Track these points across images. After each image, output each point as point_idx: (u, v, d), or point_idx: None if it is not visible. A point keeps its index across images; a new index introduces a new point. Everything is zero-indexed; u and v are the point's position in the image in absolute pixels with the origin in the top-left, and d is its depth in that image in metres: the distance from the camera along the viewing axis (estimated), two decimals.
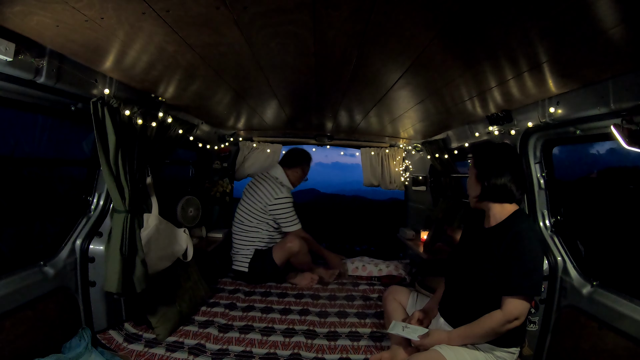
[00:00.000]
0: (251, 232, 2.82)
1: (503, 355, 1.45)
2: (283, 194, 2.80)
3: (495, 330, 1.36)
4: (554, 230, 1.89)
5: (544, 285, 1.78)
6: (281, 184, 2.87)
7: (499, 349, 1.44)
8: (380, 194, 4.62)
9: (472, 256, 1.52)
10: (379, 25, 1.01)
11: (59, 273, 1.68)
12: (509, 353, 1.46)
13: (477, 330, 1.40)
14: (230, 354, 1.79)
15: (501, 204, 1.48)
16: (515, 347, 1.48)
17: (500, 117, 1.91)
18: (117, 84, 1.62)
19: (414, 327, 1.58)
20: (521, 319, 1.34)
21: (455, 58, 1.25)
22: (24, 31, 1.11)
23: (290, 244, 2.72)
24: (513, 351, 1.48)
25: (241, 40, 1.14)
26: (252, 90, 1.87)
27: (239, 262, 2.81)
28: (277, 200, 2.77)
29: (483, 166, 1.52)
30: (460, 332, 1.45)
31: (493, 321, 1.36)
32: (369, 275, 2.94)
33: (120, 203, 1.67)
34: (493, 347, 1.43)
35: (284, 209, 2.79)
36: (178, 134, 2.19)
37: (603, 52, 1.05)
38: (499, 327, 1.35)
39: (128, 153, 1.68)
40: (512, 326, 1.34)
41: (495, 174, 1.46)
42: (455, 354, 1.40)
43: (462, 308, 1.51)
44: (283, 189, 2.84)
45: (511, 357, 1.48)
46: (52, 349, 1.54)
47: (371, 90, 1.72)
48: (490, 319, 1.37)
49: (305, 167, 3.10)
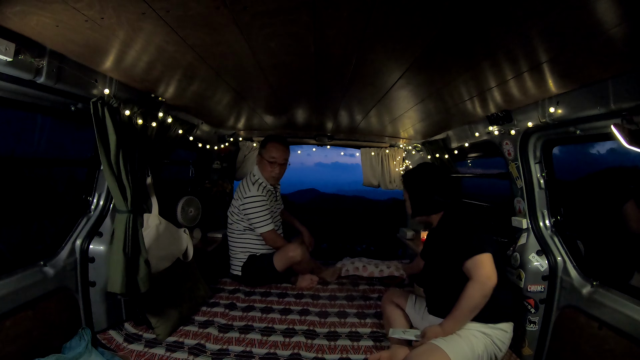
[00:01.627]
0: (242, 236, 2.75)
1: (494, 333, 1.50)
2: (251, 192, 2.63)
3: (475, 297, 1.44)
4: (554, 230, 1.89)
5: (544, 286, 1.79)
6: (253, 182, 2.70)
7: (486, 326, 1.50)
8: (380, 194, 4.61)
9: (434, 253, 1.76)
10: (379, 25, 1.01)
11: (59, 273, 1.68)
12: (501, 331, 1.51)
13: (463, 307, 1.47)
14: (230, 354, 1.79)
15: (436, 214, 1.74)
16: (505, 322, 1.54)
17: (500, 117, 1.91)
18: (117, 84, 1.62)
19: (413, 330, 1.70)
20: (492, 277, 1.43)
21: (455, 58, 1.24)
22: (24, 31, 1.11)
23: (292, 253, 2.61)
24: (504, 328, 1.53)
25: (241, 40, 1.14)
26: (252, 90, 1.87)
27: (234, 266, 2.80)
28: (246, 200, 2.63)
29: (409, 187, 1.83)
30: (450, 319, 1.52)
31: (469, 291, 1.45)
32: (370, 276, 2.92)
33: (122, 203, 1.67)
34: (481, 326, 1.50)
35: (252, 208, 2.62)
36: (178, 134, 2.18)
37: (603, 52, 1.05)
38: (476, 292, 1.43)
39: (129, 153, 1.67)
40: (488, 287, 1.42)
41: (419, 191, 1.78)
42: (450, 343, 1.45)
43: (443, 300, 1.62)
44: (253, 187, 2.66)
45: (504, 335, 1.52)
46: (52, 349, 1.54)
47: (371, 90, 1.72)
48: (465, 291, 1.46)
49: (263, 152, 2.72)
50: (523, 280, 1.81)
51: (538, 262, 1.81)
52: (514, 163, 1.99)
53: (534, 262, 1.81)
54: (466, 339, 1.47)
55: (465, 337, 1.48)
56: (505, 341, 1.54)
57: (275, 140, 2.74)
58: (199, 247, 2.79)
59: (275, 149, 2.71)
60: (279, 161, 2.72)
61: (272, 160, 2.70)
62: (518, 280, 1.84)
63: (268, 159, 2.70)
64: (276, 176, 2.77)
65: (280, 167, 2.75)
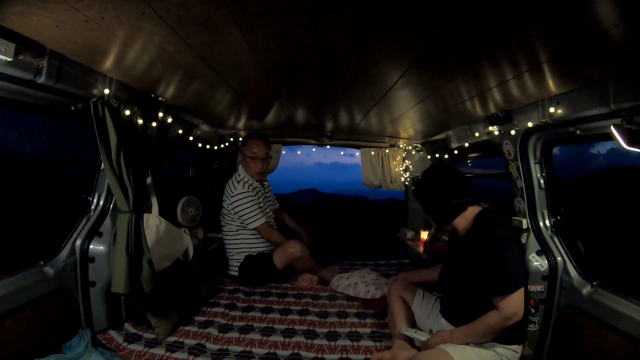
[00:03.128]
0: (236, 237, 2.76)
1: (505, 352, 1.47)
2: (237, 189, 2.67)
3: (495, 328, 1.38)
4: (554, 230, 1.89)
5: (544, 286, 1.79)
6: (238, 181, 2.72)
7: (499, 345, 1.46)
8: (380, 194, 4.61)
9: (457, 264, 1.61)
10: (379, 25, 1.01)
11: (59, 273, 1.68)
12: (511, 351, 1.48)
13: (477, 329, 1.43)
14: (230, 354, 1.79)
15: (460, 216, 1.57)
16: (517, 344, 1.50)
17: (500, 117, 1.91)
18: (117, 84, 1.62)
19: (425, 333, 1.69)
20: (519, 314, 1.36)
21: (455, 58, 1.24)
22: (24, 31, 1.11)
23: (291, 249, 2.64)
24: (515, 349, 1.49)
25: (241, 40, 1.14)
26: (252, 91, 1.87)
27: (231, 267, 2.80)
28: (233, 198, 2.66)
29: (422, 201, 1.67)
30: (461, 331, 1.48)
31: (491, 320, 1.38)
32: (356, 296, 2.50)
33: (124, 203, 1.66)
34: (494, 344, 1.45)
35: (241, 204, 2.65)
36: (178, 134, 2.18)
37: (603, 52, 1.05)
38: (497, 325, 1.37)
39: (130, 153, 1.67)
40: (511, 322, 1.36)
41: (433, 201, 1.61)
42: (460, 351, 1.43)
43: (459, 309, 1.56)
44: (239, 184, 2.69)
45: (513, 355, 1.49)
46: (52, 349, 1.54)
47: (371, 90, 1.72)
48: (487, 318, 1.39)
49: (246, 150, 2.76)
50: None
51: (538, 262, 1.81)
52: (514, 163, 1.99)
53: (534, 262, 1.82)
54: (477, 352, 1.44)
55: (476, 350, 1.45)
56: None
57: (254, 136, 2.81)
58: (199, 247, 2.79)
59: (255, 144, 2.76)
60: (260, 155, 2.76)
61: (254, 155, 2.75)
62: None
63: (249, 154, 2.76)
64: (260, 171, 2.81)
65: (263, 161, 2.80)
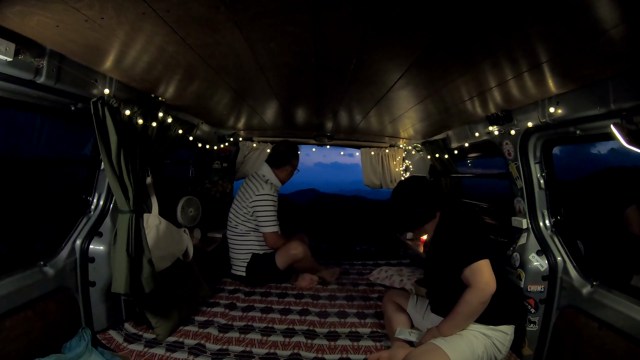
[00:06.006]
0: (245, 236, 2.77)
1: (495, 334, 1.50)
2: (265, 190, 2.71)
3: (473, 303, 1.44)
4: (554, 230, 1.89)
5: (544, 286, 1.79)
6: (265, 181, 2.78)
7: (487, 327, 1.51)
8: (380, 194, 4.61)
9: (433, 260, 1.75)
10: (379, 25, 1.01)
11: (59, 273, 1.68)
12: (500, 332, 1.52)
13: (460, 312, 1.48)
14: (230, 354, 1.78)
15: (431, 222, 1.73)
16: (507, 324, 1.54)
17: (500, 117, 1.91)
18: (117, 84, 1.62)
19: (419, 332, 1.72)
20: (491, 284, 1.43)
21: (455, 58, 1.24)
22: (24, 31, 1.11)
23: (294, 251, 2.68)
24: (504, 330, 1.53)
25: (241, 40, 1.14)
26: (252, 91, 1.87)
27: (237, 267, 2.80)
28: (258, 197, 2.70)
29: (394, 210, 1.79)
30: (448, 322, 1.54)
31: (467, 295, 1.45)
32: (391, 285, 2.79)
33: (124, 203, 1.66)
34: (480, 326, 1.51)
35: (264, 206, 2.69)
36: (178, 134, 2.18)
37: (603, 52, 1.05)
38: (474, 298, 1.43)
39: (130, 153, 1.67)
40: (486, 293, 1.42)
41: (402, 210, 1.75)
42: (449, 343, 1.47)
43: (443, 300, 1.64)
44: (267, 186, 2.74)
45: (504, 337, 1.52)
46: (52, 349, 1.54)
47: (371, 90, 1.72)
48: (464, 296, 1.46)
49: (295, 162, 2.93)
50: (523, 281, 1.81)
51: (538, 262, 1.81)
52: (514, 163, 1.99)
53: (534, 262, 1.81)
54: (467, 339, 1.48)
55: (466, 338, 1.49)
56: (505, 343, 1.54)
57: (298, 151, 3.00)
58: (199, 247, 2.79)
59: (298, 159, 2.95)
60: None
61: (296, 167, 2.96)
62: (518, 280, 1.84)
63: (295, 165, 2.93)
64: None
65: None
